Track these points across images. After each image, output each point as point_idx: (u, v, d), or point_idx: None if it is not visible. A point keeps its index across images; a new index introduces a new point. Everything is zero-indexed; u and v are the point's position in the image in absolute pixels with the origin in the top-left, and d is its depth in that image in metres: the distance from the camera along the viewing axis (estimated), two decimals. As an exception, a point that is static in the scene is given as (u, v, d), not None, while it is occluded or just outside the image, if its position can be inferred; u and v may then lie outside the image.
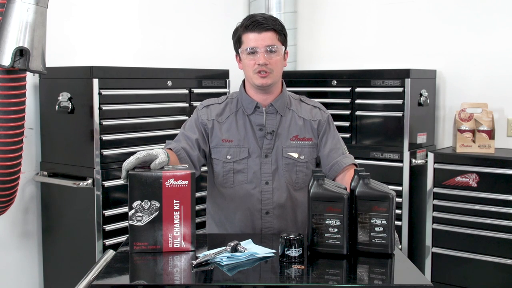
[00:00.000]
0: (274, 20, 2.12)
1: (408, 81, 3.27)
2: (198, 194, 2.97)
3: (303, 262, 1.68)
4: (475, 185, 3.12)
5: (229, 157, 2.14)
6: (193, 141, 2.14)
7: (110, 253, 1.83)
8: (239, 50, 2.14)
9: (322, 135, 2.21)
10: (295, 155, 2.16)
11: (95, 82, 2.69)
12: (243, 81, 2.23)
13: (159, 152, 1.82)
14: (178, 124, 3.10)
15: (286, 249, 1.68)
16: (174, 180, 1.74)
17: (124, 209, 2.77)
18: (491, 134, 3.25)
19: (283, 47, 2.14)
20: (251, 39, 2.08)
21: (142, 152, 1.79)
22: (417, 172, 3.38)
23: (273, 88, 2.16)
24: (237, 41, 2.15)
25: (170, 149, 2.07)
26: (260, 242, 1.84)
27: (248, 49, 2.09)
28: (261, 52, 2.08)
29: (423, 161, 3.34)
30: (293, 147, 2.16)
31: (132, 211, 1.74)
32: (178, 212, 1.75)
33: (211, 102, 2.24)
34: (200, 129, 2.17)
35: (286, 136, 2.16)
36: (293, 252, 1.68)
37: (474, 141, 3.23)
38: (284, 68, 2.21)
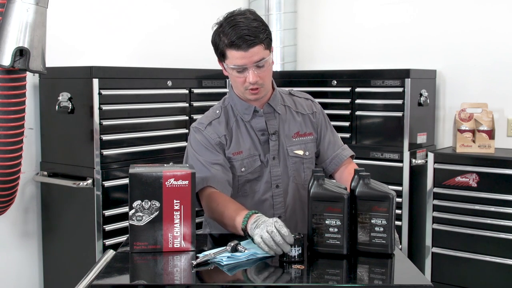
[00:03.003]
0: (257, 28, 1.91)
1: (408, 81, 3.26)
2: (198, 194, 2.97)
3: (303, 262, 1.68)
4: (475, 185, 3.12)
5: (243, 169, 2.05)
6: (221, 164, 1.99)
7: (110, 253, 1.83)
8: (224, 64, 1.99)
9: (320, 128, 2.18)
10: (301, 152, 2.12)
11: (95, 82, 2.69)
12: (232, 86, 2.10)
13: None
14: (178, 124, 3.11)
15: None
16: (174, 180, 1.74)
17: (124, 209, 2.77)
18: (491, 134, 3.25)
19: (271, 53, 1.99)
20: (237, 57, 1.91)
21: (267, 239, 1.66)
22: (417, 172, 3.38)
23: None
24: (220, 54, 1.97)
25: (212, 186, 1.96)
26: None
27: (235, 67, 1.94)
28: (251, 69, 1.93)
29: (423, 161, 3.34)
30: (297, 144, 2.12)
31: (132, 210, 1.73)
32: (178, 212, 1.75)
33: (211, 119, 2.08)
34: (217, 149, 2.04)
35: (288, 134, 2.11)
36: (293, 252, 1.68)
37: (474, 141, 3.23)
38: (284, 68, 2.18)
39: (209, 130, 2.05)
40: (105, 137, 2.74)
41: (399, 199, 3.28)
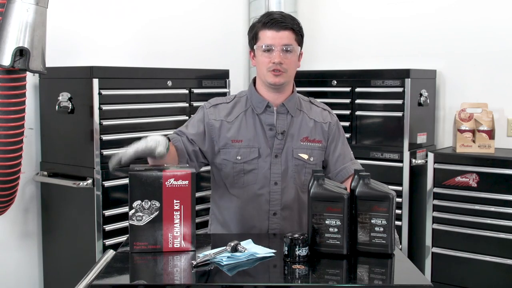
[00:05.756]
0: (292, 19, 2.12)
1: (408, 81, 3.27)
2: (198, 194, 2.97)
3: (305, 262, 1.69)
4: (475, 185, 3.12)
5: (239, 157, 2.10)
6: (191, 135, 2.12)
7: (110, 253, 1.83)
8: (255, 47, 2.12)
9: (332, 139, 2.20)
10: (305, 156, 2.14)
11: (95, 82, 2.69)
12: (254, 80, 2.21)
13: (158, 143, 1.85)
14: (178, 124, 3.08)
15: (296, 248, 1.68)
16: (174, 180, 1.74)
17: (124, 209, 2.76)
18: (491, 134, 3.25)
19: (299, 48, 2.14)
20: (268, 36, 2.07)
21: (140, 145, 1.82)
22: (417, 172, 3.38)
23: (285, 87, 2.14)
24: (254, 37, 2.12)
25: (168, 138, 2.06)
26: (268, 243, 1.84)
27: (264, 46, 2.07)
28: (277, 50, 2.06)
29: (423, 161, 3.34)
30: (303, 148, 2.15)
31: (132, 210, 1.74)
32: (178, 212, 1.75)
33: (219, 102, 2.21)
34: (202, 128, 2.14)
35: (297, 137, 2.14)
36: (303, 252, 1.68)
37: (474, 141, 3.23)
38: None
39: (211, 110, 2.17)
40: (105, 137, 2.74)
41: (399, 199, 3.28)
